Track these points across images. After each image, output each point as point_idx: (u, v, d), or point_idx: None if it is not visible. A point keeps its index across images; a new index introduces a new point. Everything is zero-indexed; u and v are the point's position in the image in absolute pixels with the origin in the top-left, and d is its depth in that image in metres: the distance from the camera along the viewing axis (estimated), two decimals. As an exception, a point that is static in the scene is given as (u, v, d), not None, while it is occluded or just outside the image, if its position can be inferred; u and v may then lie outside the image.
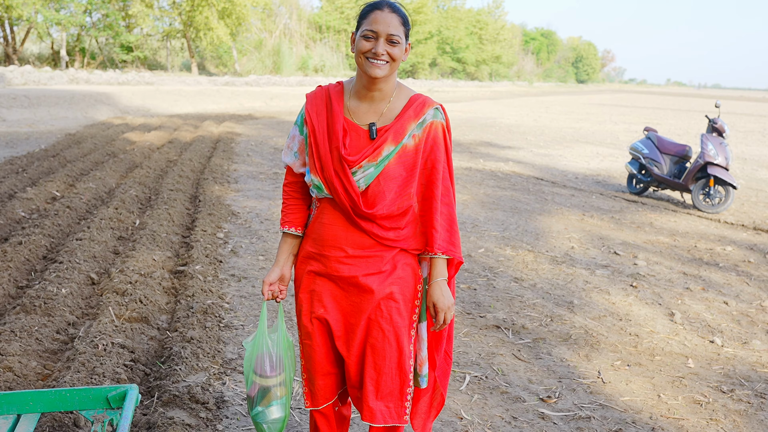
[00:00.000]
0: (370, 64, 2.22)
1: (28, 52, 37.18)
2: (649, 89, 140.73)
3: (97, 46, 38.86)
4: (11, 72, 24.06)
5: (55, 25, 34.69)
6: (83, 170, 9.58)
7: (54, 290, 4.58)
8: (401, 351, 2.38)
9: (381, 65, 2.22)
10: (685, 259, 6.68)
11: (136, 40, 38.78)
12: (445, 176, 2.37)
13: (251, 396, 2.44)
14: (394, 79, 2.33)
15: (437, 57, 64.26)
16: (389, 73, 2.26)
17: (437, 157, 2.34)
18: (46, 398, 2.38)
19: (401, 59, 2.27)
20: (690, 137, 19.16)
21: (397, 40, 2.22)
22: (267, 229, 7.00)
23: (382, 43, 2.21)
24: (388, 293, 2.34)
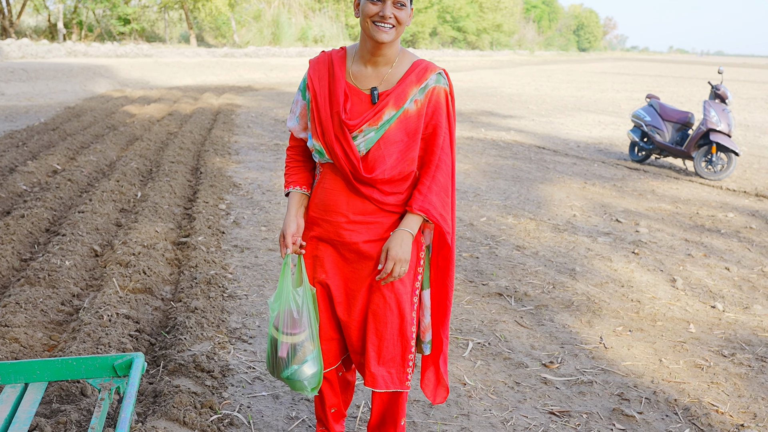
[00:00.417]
0: (377, 28, 2.20)
1: (25, 25, 36.89)
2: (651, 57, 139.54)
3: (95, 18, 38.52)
4: (8, 45, 23.88)
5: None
6: (83, 143, 9.56)
7: (57, 262, 4.59)
8: (403, 317, 2.39)
9: (387, 29, 2.20)
10: (687, 226, 6.68)
11: (133, 12, 38.42)
12: (445, 143, 2.34)
13: (282, 357, 2.37)
14: (398, 44, 2.31)
15: (437, 26, 63.63)
16: (395, 38, 2.23)
17: (438, 123, 2.32)
18: (53, 367, 2.40)
19: (406, 23, 2.25)
20: (692, 104, 19.05)
21: (404, 2, 2.20)
22: (269, 200, 7.00)
23: (389, 6, 2.18)
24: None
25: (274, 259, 5.19)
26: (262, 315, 4.16)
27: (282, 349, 2.35)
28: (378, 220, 2.34)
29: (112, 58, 27.40)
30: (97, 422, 2.28)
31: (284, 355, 2.36)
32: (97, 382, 2.44)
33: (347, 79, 2.32)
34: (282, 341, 2.35)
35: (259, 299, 4.40)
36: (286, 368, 2.37)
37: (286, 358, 2.36)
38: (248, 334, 3.90)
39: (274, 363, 2.41)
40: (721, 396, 3.44)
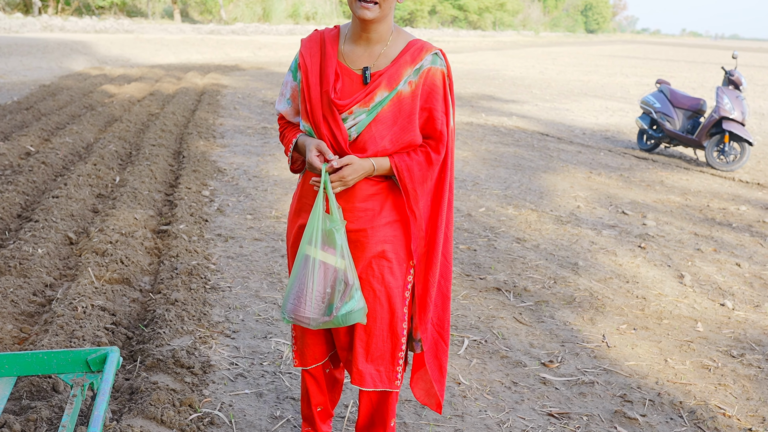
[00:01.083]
0: (359, 5, 2.18)
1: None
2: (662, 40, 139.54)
3: (72, -9, 38.24)
4: (-20, 19, 23.74)
5: (26, -32, 34.10)
6: (59, 124, 9.51)
7: (30, 250, 4.58)
8: (393, 313, 2.39)
9: (370, 7, 2.18)
10: (697, 219, 6.70)
11: (113, -15, 38.16)
12: (442, 128, 2.33)
13: (351, 284, 2.25)
14: (390, 22, 2.29)
15: (437, 4, 63.46)
16: (380, 15, 2.21)
17: (434, 107, 2.30)
18: (23, 361, 2.39)
19: (394, 1, 2.23)
20: (705, 90, 19.07)
21: None
22: (255, 186, 6.98)
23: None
24: (380, 251, 2.34)
25: (260, 249, 5.18)
26: (246, 308, 4.16)
27: (350, 276, 2.25)
28: (368, 206, 2.33)
29: (91, 33, 27.26)
30: (69, 420, 2.28)
31: (353, 281, 2.26)
32: (69, 378, 2.44)
33: (339, 59, 2.31)
34: (345, 268, 2.25)
35: (243, 291, 4.40)
36: (347, 301, 2.26)
37: (353, 285, 2.26)
38: (231, 328, 3.89)
39: (335, 299, 2.26)
40: (728, 398, 3.45)
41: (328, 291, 2.24)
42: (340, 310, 2.25)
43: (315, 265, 2.23)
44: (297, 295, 2.26)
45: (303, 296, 2.25)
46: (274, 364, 3.53)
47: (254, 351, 3.66)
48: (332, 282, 2.24)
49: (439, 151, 2.32)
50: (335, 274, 2.24)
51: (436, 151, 2.32)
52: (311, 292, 2.24)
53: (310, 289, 2.24)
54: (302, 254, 2.26)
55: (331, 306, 2.25)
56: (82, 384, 2.42)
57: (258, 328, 3.93)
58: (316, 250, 2.23)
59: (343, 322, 2.28)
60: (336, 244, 2.24)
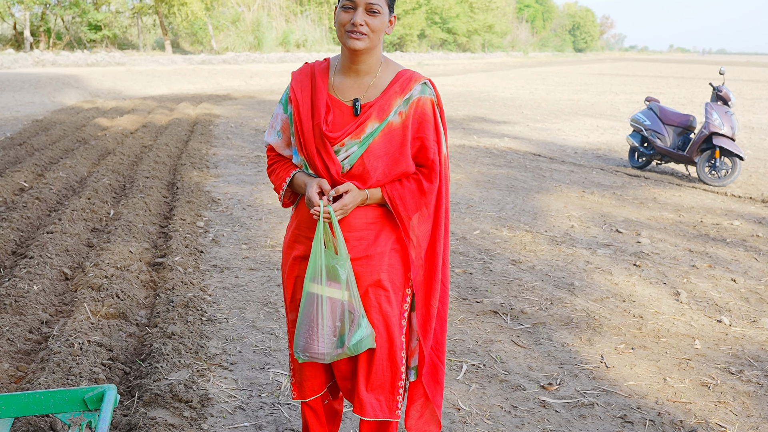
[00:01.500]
0: (349, 36, 2.22)
1: (-11, 34, 36.80)
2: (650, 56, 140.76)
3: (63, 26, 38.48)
4: (-28, 56, 23.84)
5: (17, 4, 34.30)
6: (52, 158, 9.53)
7: (25, 287, 4.57)
8: (392, 342, 2.39)
9: (360, 37, 2.21)
10: (691, 236, 6.72)
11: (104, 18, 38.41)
12: (435, 157, 2.35)
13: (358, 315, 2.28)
14: (379, 53, 2.32)
15: (426, 28, 63.96)
16: (370, 46, 2.24)
17: (426, 136, 2.33)
18: (20, 402, 2.38)
19: (383, 31, 2.26)
20: (694, 106, 19.21)
21: (377, 9, 2.21)
22: (250, 216, 6.99)
23: (360, 14, 2.20)
24: (376, 280, 2.35)
25: (256, 279, 5.18)
26: (244, 339, 4.15)
27: (355, 306, 2.28)
28: (364, 235, 2.34)
29: (83, 66, 27.37)
30: (67, 460, 2.26)
31: (359, 310, 2.29)
32: (67, 417, 2.43)
33: (329, 91, 2.34)
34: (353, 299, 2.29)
35: (240, 322, 4.39)
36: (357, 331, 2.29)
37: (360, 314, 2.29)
38: (229, 360, 3.88)
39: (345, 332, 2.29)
40: (729, 416, 3.45)
41: (338, 324, 2.28)
42: (351, 340, 2.28)
43: (322, 302, 2.26)
44: (308, 333, 2.29)
45: (314, 334, 2.28)
46: (272, 396, 3.52)
47: (252, 383, 3.64)
48: (340, 315, 2.27)
49: (431, 180, 2.35)
50: (342, 307, 2.27)
51: (429, 179, 2.35)
52: (322, 329, 2.27)
53: (320, 326, 2.27)
54: (307, 292, 2.29)
55: (343, 338, 2.28)
56: (79, 423, 2.41)
57: (256, 359, 3.91)
58: (321, 287, 2.26)
59: (354, 350, 2.31)
60: (340, 278, 2.27)
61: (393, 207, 2.33)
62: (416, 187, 2.34)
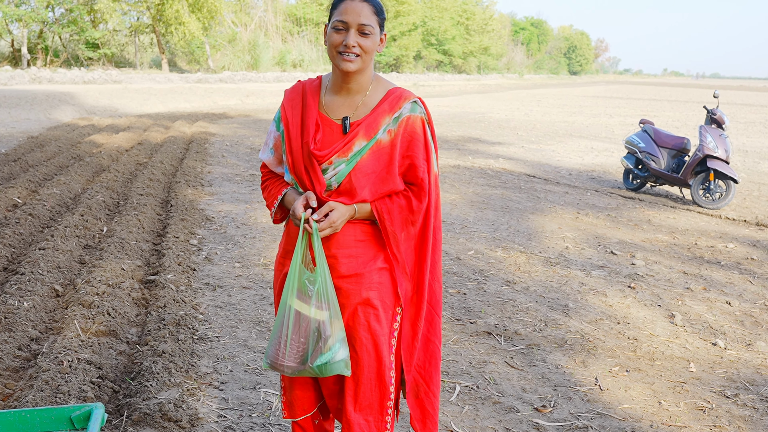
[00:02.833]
0: (341, 57, 2.22)
1: (-14, 51, 36.87)
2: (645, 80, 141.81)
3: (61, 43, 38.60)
4: (-32, 72, 23.85)
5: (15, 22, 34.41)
6: (47, 175, 9.50)
7: (15, 304, 4.52)
8: (381, 361, 2.36)
9: (353, 58, 2.21)
10: (685, 258, 6.71)
11: (102, 36, 38.54)
12: (424, 176, 2.34)
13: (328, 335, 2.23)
14: (370, 72, 2.32)
15: (422, 49, 64.39)
16: (362, 67, 2.24)
17: (415, 155, 2.31)
18: (5, 420, 2.33)
19: (375, 51, 2.26)
20: (688, 129, 19.31)
21: (369, 30, 2.21)
22: (243, 234, 6.96)
23: (352, 35, 2.20)
24: (365, 298, 2.33)
25: (248, 298, 5.14)
26: (235, 358, 4.11)
27: (325, 328, 2.24)
28: (354, 253, 2.32)
29: (79, 84, 27.42)
30: (52, 480, 2.22)
31: (329, 333, 2.25)
32: (53, 437, 2.38)
33: (320, 109, 2.33)
34: (323, 319, 2.25)
35: (231, 341, 4.35)
36: (323, 353, 2.25)
37: (330, 337, 2.24)
38: (219, 379, 3.84)
39: (310, 350, 2.25)
40: (724, 440, 3.41)
41: (302, 340, 2.25)
42: (315, 360, 2.25)
43: (291, 313, 2.26)
44: (276, 342, 2.30)
45: (280, 344, 2.27)
46: (263, 416, 3.47)
47: (243, 402, 3.60)
48: (305, 331, 2.25)
49: (421, 199, 2.34)
50: (309, 324, 2.24)
51: (418, 198, 2.34)
52: (286, 340, 2.26)
53: (285, 336, 2.26)
54: (283, 301, 2.28)
55: (306, 356, 2.25)
56: (65, 442, 2.36)
57: (247, 378, 3.87)
58: (292, 298, 2.26)
59: (319, 372, 2.28)
60: (310, 295, 2.24)
61: (380, 221, 2.31)
62: (405, 203, 2.33)
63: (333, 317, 2.26)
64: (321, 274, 2.26)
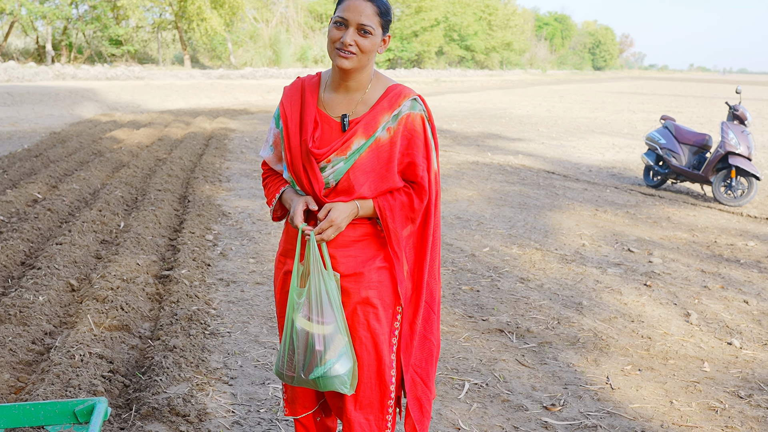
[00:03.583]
0: (337, 54, 2.20)
1: (12, 47, 37.34)
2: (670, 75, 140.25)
3: (84, 40, 38.97)
4: (-6, 68, 24.17)
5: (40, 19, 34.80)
6: (67, 170, 9.60)
7: (31, 298, 4.58)
8: (380, 360, 2.35)
9: (349, 56, 2.19)
10: (704, 256, 6.63)
11: (125, 33, 38.86)
12: (424, 174, 2.32)
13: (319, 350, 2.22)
14: (370, 70, 2.30)
15: (444, 45, 64.18)
16: (358, 66, 2.22)
17: (415, 152, 2.30)
18: (9, 413, 2.36)
19: (374, 51, 2.24)
20: (713, 125, 19.07)
21: (369, 30, 2.18)
22: (259, 230, 6.99)
23: (351, 33, 2.18)
24: (364, 297, 2.32)
25: (262, 294, 5.16)
26: (246, 354, 4.13)
27: (318, 341, 2.22)
28: (352, 253, 2.32)
29: (102, 80, 27.67)
30: (56, 473, 2.24)
31: (321, 347, 2.22)
32: (57, 430, 2.41)
33: (319, 107, 2.32)
34: (315, 332, 2.23)
35: (242, 337, 4.37)
36: (319, 366, 2.23)
37: (323, 351, 2.22)
38: (229, 374, 3.86)
39: (303, 362, 2.25)
40: (736, 441, 3.37)
41: (298, 351, 2.26)
42: (310, 373, 2.25)
43: (290, 324, 2.28)
44: (282, 351, 2.32)
45: (283, 352, 2.30)
46: (270, 412, 3.49)
47: (251, 398, 3.62)
48: (298, 344, 2.26)
49: (421, 197, 2.32)
50: (298, 335, 2.25)
51: (419, 196, 2.32)
52: (285, 350, 2.29)
53: (284, 346, 2.30)
54: (288, 312, 2.30)
55: (300, 367, 2.27)
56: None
57: (256, 374, 3.89)
58: (290, 309, 2.29)
59: (316, 385, 2.29)
60: (297, 308, 2.27)
61: (382, 218, 2.30)
62: (407, 201, 2.31)
63: (335, 332, 2.24)
64: (315, 285, 2.25)
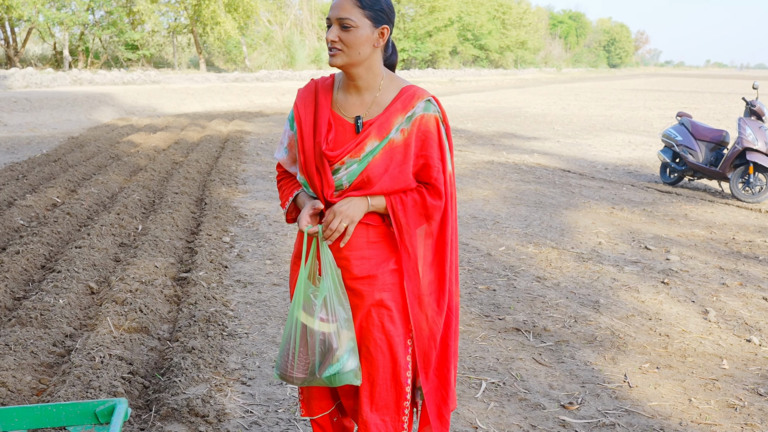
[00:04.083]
0: (329, 53, 2.23)
1: (30, 54, 37.70)
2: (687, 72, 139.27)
3: (101, 45, 39.28)
4: (12, 75, 24.39)
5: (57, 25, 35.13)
6: (85, 175, 9.69)
7: (51, 301, 4.63)
8: (396, 362, 2.35)
9: (335, 53, 2.21)
10: (722, 253, 6.59)
11: (140, 38, 39.13)
12: (438, 176, 2.30)
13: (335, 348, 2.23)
14: (376, 68, 2.30)
15: (458, 45, 64.06)
16: (349, 62, 2.22)
17: (430, 155, 2.29)
18: (32, 414, 2.40)
19: (365, 45, 2.21)
20: (730, 122, 18.92)
21: (349, 23, 2.17)
22: (275, 231, 7.02)
23: (334, 30, 2.20)
24: (379, 300, 2.32)
25: (279, 295, 5.19)
26: (263, 354, 4.15)
27: (333, 340, 2.24)
28: (367, 255, 2.32)
29: (119, 85, 27.88)
30: (78, 473, 2.27)
31: (336, 345, 2.24)
32: (78, 430, 2.44)
33: (332, 108, 2.32)
34: (331, 332, 2.24)
35: (260, 338, 4.39)
36: (333, 363, 2.25)
37: (337, 348, 2.24)
38: (247, 375, 3.88)
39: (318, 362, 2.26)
40: (755, 438, 3.35)
41: (310, 353, 2.25)
42: (324, 371, 2.26)
43: (297, 325, 2.27)
44: (284, 353, 2.31)
45: (288, 355, 2.29)
46: (288, 412, 3.51)
47: (269, 398, 3.64)
48: (312, 345, 2.25)
49: (435, 196, 2.31)
50: (314, 337, 2.24)
51: (432, 195, 2.32)
52: (294, 352, 2.27)
53: (293, 349, 2.27)
54: (291, 313, 2.30)
55: (314, 367, 2.26)
56: (90, 436, 2.42)
57: (274, 375, 3.91)
58: (299, 310, 2.27)
59: (329, 382, 2.29)
60: (314, 309, 2.25)
61: (393, 213, 2.28)
62: (420, 199, 2.30)
63: (341, 328, 2.26)
64: (327, 286, 2.26)
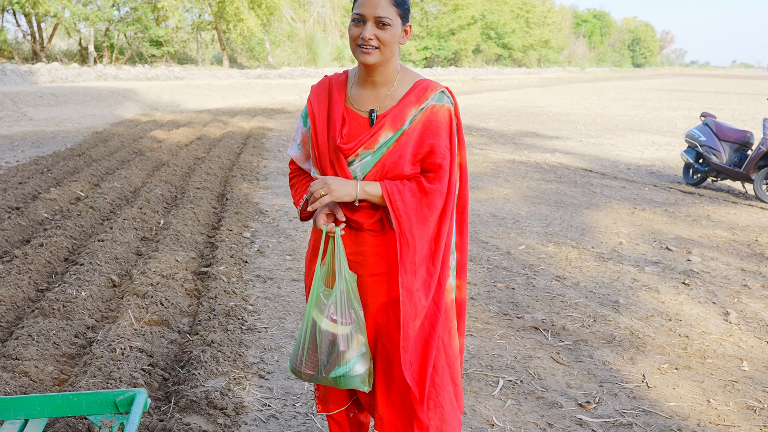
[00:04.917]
0: (360, 50, 2.21)
1: (56, 49, 38.12)
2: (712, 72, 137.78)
3: (126, 41, 39.61)
4: (38, 70, 24.69)
5: (82, 21, 35.48)
6: (108, 169, 9.80)
7: (74, 293, 4.70)
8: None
9: (371, 51, 2.20)
10: (745, 254, 6.53)
11: (165, 34, 39.41)
12: (443, 162, 2.26)
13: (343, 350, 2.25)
14: (395, 64, 2.31)
15: (481, 43, 63.83)
16: (382, 60, 2.23)
17: (437, 142, 2.26)
18: (53, 403, 2.45)
19: (396, 43, 2.24)
20: (755, 123, 18.70)
21: (387, 22, 2.18)
22: (295, 227, 7.06)
23: (369, 27, 2.19)
24: (394, 297, 2.34)
25: (298, 290, 5.22)
26: (282, 349, 4.18)
27: (342, 342, 2.25)
28: (380, 251, 2.33)
29: (143, 80, 28.12)
30: (98, 461, 2.32)
31: (345, 348, 2.26)
32: (98, 419, 2.48)
33: (346, 103, 2.34)
34: (340, 333, 2.26)
35: (279, 332, 4.43)
36: (340, 365, 2.26)
37: (345, 351, 2.26)
38: (266, 369, 3.92)
39: (326, 362, 2.27)
40: (775, 441, 3.32)
41: (318, 351, 2.29)
42: (331, 372, 2.29)
43: (310, 323, 2.30)
44: (297, 348, 2.35)
45: (299, 350, 2.33)
46: (306, 406, 3.54)
47: (287, 392, 3.67)
48: (321, 344, 2.28)
49: (432, 180, 2.27)
50: (323, 337, 2.28)
51: (431, 180, 2.27)
52: (304, 348, 2.31)
53: (303, 344, 2.32)
54: (307, 310, 2.33)
55: (322, 366, 2.30)
56: (110, 425, 2.47)
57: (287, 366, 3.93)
58: (312, 309, 2.31)
59: (336, 383, 2.32)
60: (323, 309, 2.28)
61: (391, 203, 2.23)
62: (416, 186, 2.26)
63: (354, 332, 2.28)
64: (340, 288, 2.27)
